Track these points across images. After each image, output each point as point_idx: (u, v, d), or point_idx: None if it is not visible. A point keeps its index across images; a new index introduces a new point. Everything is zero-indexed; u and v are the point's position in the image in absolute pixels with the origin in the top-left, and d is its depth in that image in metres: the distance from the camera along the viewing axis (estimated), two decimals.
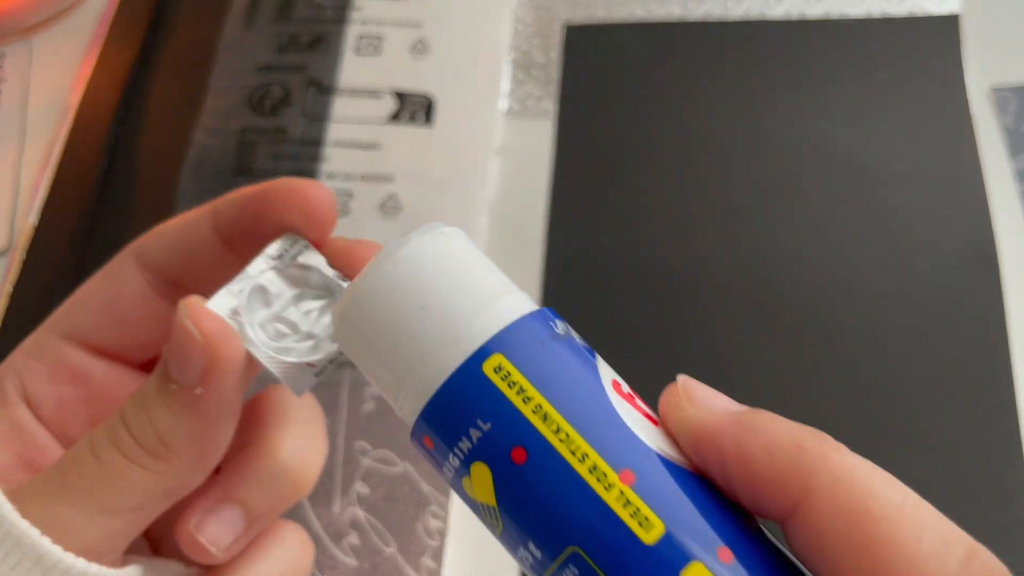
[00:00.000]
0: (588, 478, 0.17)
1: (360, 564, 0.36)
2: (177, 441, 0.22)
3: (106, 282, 0.25)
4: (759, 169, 0.44)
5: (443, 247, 0.20)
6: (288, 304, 0.23)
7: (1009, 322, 0.39)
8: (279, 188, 0.23)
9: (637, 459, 0.17)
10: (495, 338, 0.18)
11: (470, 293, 0.19)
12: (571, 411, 0.18)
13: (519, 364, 0.18)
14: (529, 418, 0.18)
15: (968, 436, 0.37)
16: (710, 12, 0.48)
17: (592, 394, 0.18)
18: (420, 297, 0.19)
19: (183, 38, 0.51)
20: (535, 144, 0.46)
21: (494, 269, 0.20)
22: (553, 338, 0.19)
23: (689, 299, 0.41)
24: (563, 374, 0.18)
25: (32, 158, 0.48)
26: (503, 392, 0.18)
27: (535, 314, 0.19)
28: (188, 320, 0.21)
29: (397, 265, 0.19)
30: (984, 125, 0.44)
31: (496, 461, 0.18)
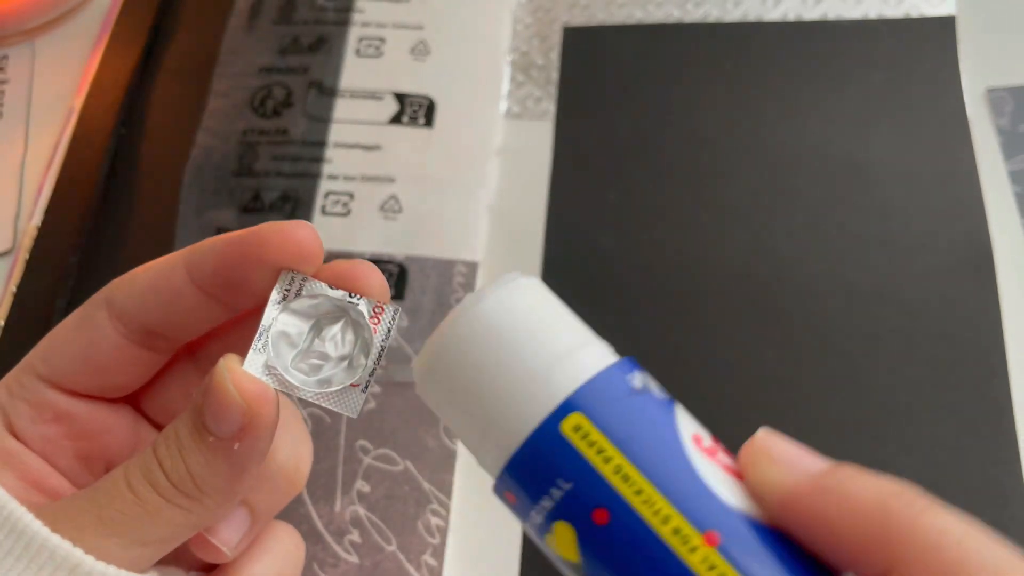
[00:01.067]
0: (671, 541, 0.17)
1: (361, 562, 0.37)
2: (211, 486, 0.23)
3: (80, 330, 0.26)
4: (757, 170, 0.44)
5: (520, 299, 0.20)
6: (311, 338, 0.24)
7: (1004, 322, 0.39)
8: (266, 233, 0.24)
9: (721, 520, 0.17)
10: (573, 396, 0.18)
11: (548, 346, 0.19)
12: (652, 471, 0.17)
13: (598, 422, 0.18)
14: (609, 479, 0.18)
15: (964, 436, 0.38)
16: (708, 14, 0.48)
17: (672, 452, 0.18)
18: (499, 352, 0.19)
19: (185, 40, 0.51)
20: (535, 145, 0.46)
21: (573, 319, 0.20)
22: (631, 393, 0.19)
23: (688, 299, 0.41)
24: (642, 431, 0.18)
25: (35, 159, 0.48)
26: (582, 452, 0.18)
27: (613, 367, 0.19)
28: (229, 383, 0.22)
29: (477, 319, 0.19)
30: (980, 126, 0.44)
31: (578, 521, 0.18)
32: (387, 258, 0.43)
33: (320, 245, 0.24)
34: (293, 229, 0.24)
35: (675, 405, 0.19)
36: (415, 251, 0.43)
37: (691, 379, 0.40)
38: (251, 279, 0.24)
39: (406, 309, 0.42)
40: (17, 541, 0.22)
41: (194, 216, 0.45)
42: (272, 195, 0.45)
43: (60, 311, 0.43)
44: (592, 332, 0.20)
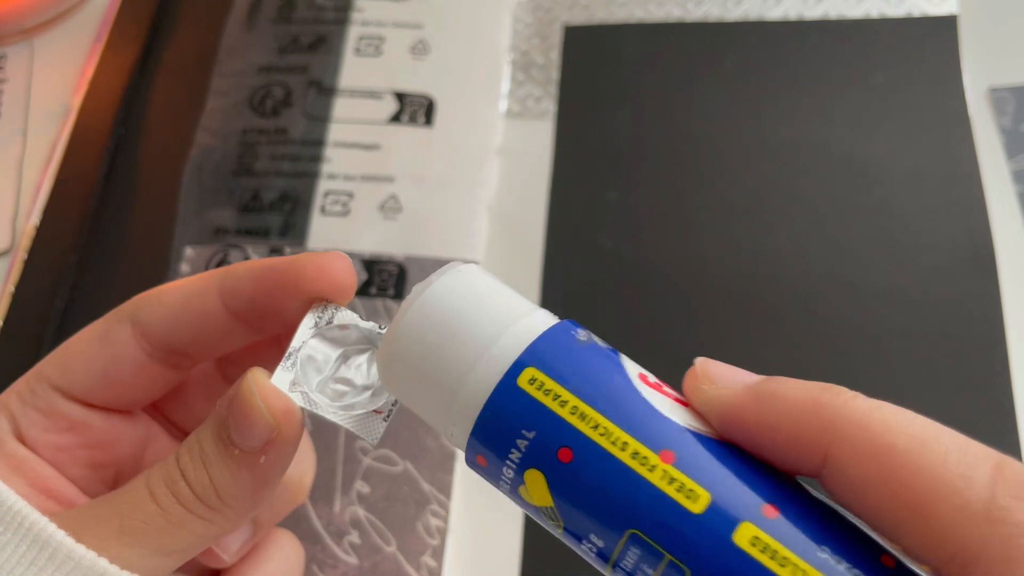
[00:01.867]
0: (632, 464, 0.18)
1: (361, 563, 0.36)
2: (234, 498, 0.23)
3: (102, 345, 0.26)
4: (758, 169, 0.44)
5: (462, 281, 0.22)
6: (338, 365, 0.25)
7: (1006, 322, 0.39)
8: (304, 264, 0.24)
9: (673, 439, 0.19)
10: (525, 353, 0.20)
11: (495, 316, 0.21)
12: (605, 406, 0.19)
13: (550, 372, 0.20)
14: (568, 420, 0.19)
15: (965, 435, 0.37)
16: (709, 13, 0.48)
17: (622, 388, 0.19)
18: (450, 328, 0.21)
19: (184, 39, 0.51)
20: (535, 144, 0.46)
21: (512, 293, 0.22)
22: (577, 345, 0.20)
23: (688, 298, 0.41)
24: (592, 375, 0.20)
25: (34, 159, 0.48)
26: (540, 400, 0.19)
27: (557, 326, 0.21)
28: (256, 397, 0.23)
29: (425, 304, 0.21)
30: (982, 125, 0.44)
31: (546, 464, 0.19)
32: (387, 258, 0.43)
33: (354, 278, 0.25)
34: (332, 262, 0.25)
35: (619, 353, 0.21)
36: (415, 251, 0.43)
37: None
38: (285, 307, 0.25)
39: None
40: (41, 551, 0.22)
41: (193, 216, 0.45)
42: (271, 195, 0.45)
43: (58, 311, 0.43)
44: (533, 303, 0.22)
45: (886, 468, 0.17)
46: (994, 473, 0.17)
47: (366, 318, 0.25)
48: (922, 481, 0.17)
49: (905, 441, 0.17)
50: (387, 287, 0.42)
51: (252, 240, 0.44)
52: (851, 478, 0.18)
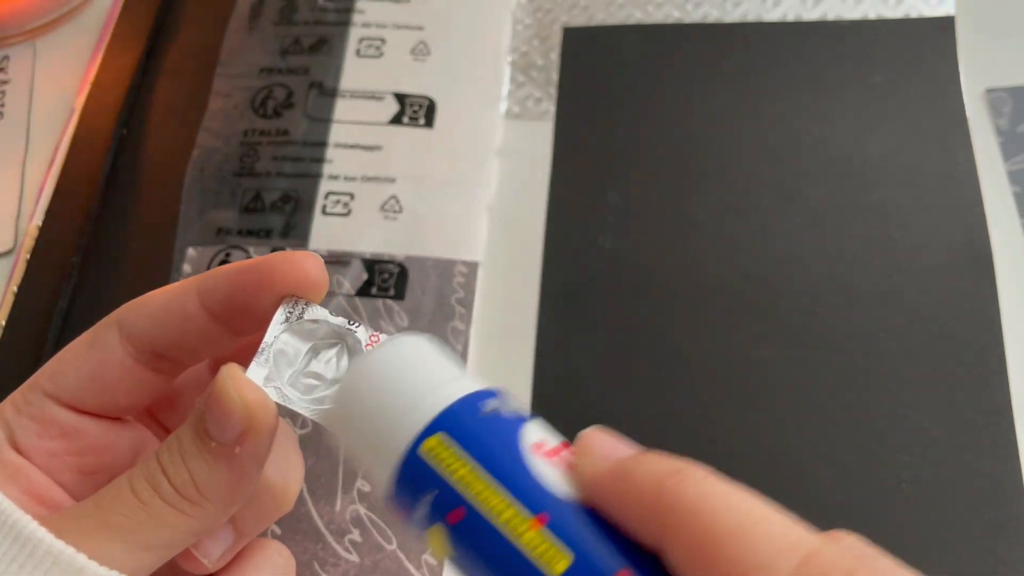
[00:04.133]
0: (505, 529, 0.20)
1: (362, 561, 0.37)
2: (213, 491, 0.24)
3: (91, 350, 0.27)
4: (756, 170, 0.44)
5: (400, 352, 0.24)
6: (308, 359, 0.26)
7: (1003, 322, 0.40)
8: (275, 263, 0.26)
9: (549, 505, 0.20)
10: (431, 423, 0.22)
11: (418, 386, 0.23)
12: (491, 474, 0.21)
13: (448, 442, 0.22)
14: (456, 486, 0.21)
15: (963, 435, 0.38)
16: (708, 14, 0.48)
17: (509, 456, 0.21)
18: (381, 394, 0.23)
19: (187, 41, 0.51)
20: (535, 145, 0.46)
21: (448, 363, 0.24)
22: (480, 415, 0.22)
23: (687, 299, 0.42)
24: (485, 444, 0.22)
25: (36, 160, 0.48)
26: (436, 468, 0.22)
27: (468, 397, 0.23)
28: (232, 389, 0.24)
29: (362, 371, 0.23)
30: (978, 127, 0.44)
31: (442, 523, 0.21)
32: (387, 258, 0.43)
33: (325, 276, 0.26)
34: (301, 260, 0.26)
35: (527, 422, 0.22)
36: (415, 251, 0.43)
37: (691, 379, 0.40)
38: (259, 305, 0.26)
39: (406, 309, 0.42)
40: (22, 549, 0.22)
41: (195, 216, 0.45)
42: (273, 195, 0.45)
43: (61, 311, 0.43)
44: (464, 372, 0.24)
45: (707, 555, 0.18)
46: (800, 565, 0.17)
47: (364, 318, 0.26)
48: (735, 570, 0.17)
49: (726, 528, 0.18)
50: (388, 287, 0.42)
51: (254, 241, 0.44)
52: (679, 561, 0.18)
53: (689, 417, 0.39)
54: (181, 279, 0.43)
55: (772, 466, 0.38)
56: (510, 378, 0.40)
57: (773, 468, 0.38)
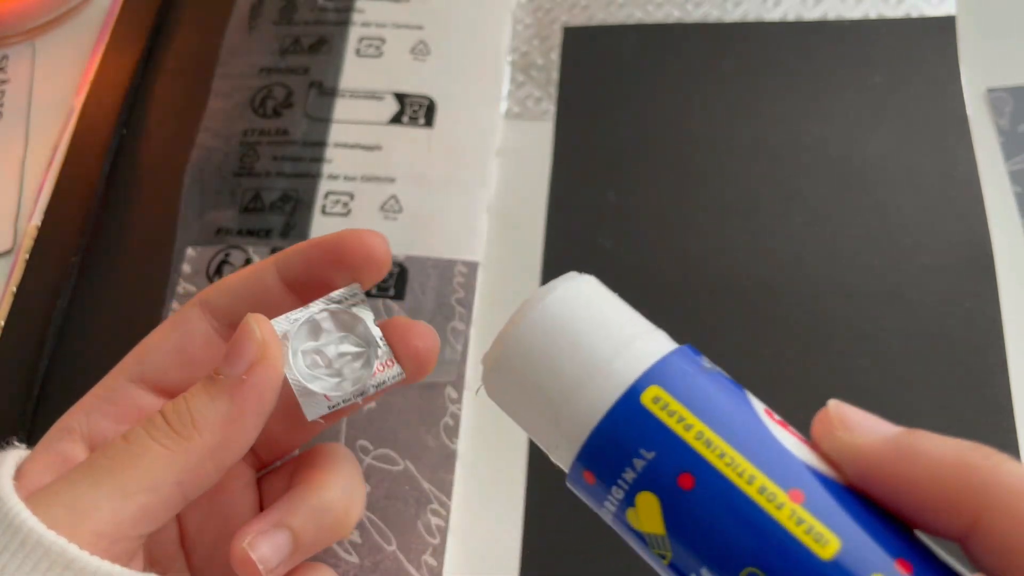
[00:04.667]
0: (759, 499, 0.17)
1: (361, 562, 0.37)
2: (206, 422, 0.24)
3: (174, 329, 0.28)
4: (756, 170, 0.44)
5: (583, 293, 0.21)
6: (331, 343, 0.27)
7: (1004, 322, 0.39)
8: (345, 239, 0.28)
9: (804, 479, 0.18)
10: (649, 371, 0.19)
11: (617, 332, 0.20)
12: (733, 436, 0.18)
13: (676, 394, 0.19)
14: (693, 444, 0.18)
15: (964, 435, 0.38)
16: (708, 14, 0.48)
17: (749, 420, 0.19)
18: (571, 340, 0.20)
19: (186, 41, 0.51)
20: (535, 145, 0.46)
21: (632, 310, 0.21)
22: (703, 370, 0.19)
23: (687, 299, 0.41)
24: (719, 402, 0.19)
25: (35, 160, 0.48)
26: (664, 421, 0.18)
27: (683, 349, 0.20)
28: (254, 323, 0.25)
29: (545, 312, 0.20)
30: (979, 126, 0.44)
31: (663, 489, 0.18)
32: None
33: (388, 253, 0.28)
34: (369, 237, 0.28)
35: (743, 387, 0.20)
36: (415, 251, 0.43)
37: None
38: (331, 279, 0.28)
39: (406, 309, 0.42)
40: (13, 538, 0.22)
41: (195, 216, 0.45)
42: (273, 195, 0.45)
43: (60, 311, 0.43)
44: (652, 324, 0.21)
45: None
46: None
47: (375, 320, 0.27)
48: None
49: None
50: (387, 287, 0.42)
51: (254, 240, 0.44)
52: (1004, 547, 0.17)
53: None
54: (181, 279, 0.43)
55: None
56: None
57: None
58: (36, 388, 0.41)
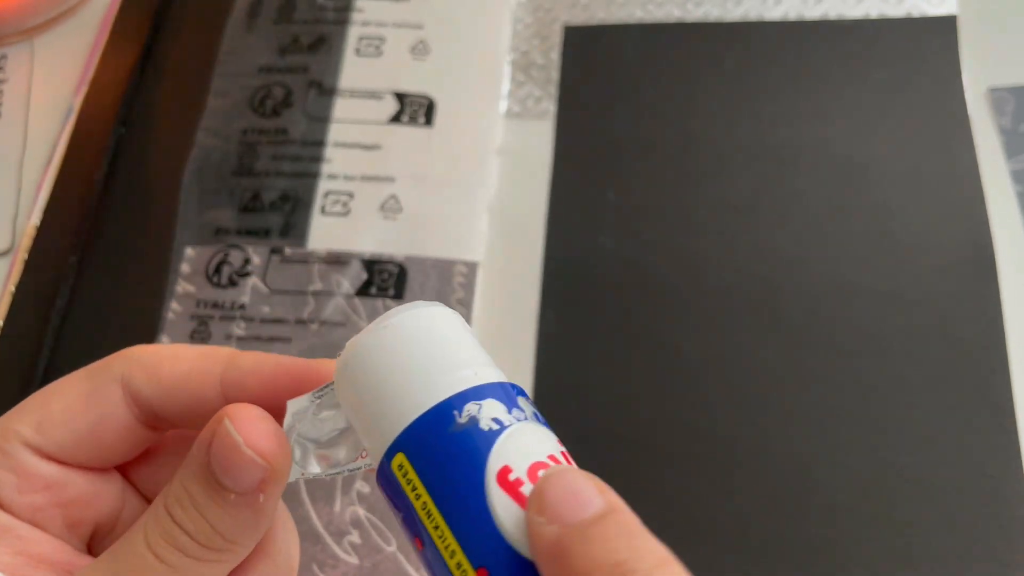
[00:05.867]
0: (455, 572, 0.19)
1: (361, 562, 0.36)
2: (240, 536, 0.23)
3: (88, 405, 0.25)
4: (757, 169, 0.44)
5: (402, 332, 0.21)
6: (327, 415, 0.24)
7: (1005, 321, 0.39)
8: (325, 372, 0.24)
9: (494, 558, 0.19)
10: (400, 436, 0.20)
11: (403, 382, 0.21)
12: (448, 508, 0.19)
13: (415, 463, 0.20)
14: (419, 514, 0.20)
15: (964, 435, 0.38)
16: (709, 13, 0.48)
17: (470, 489, 0.19)
18: (377, 378, 0.21)
19: (185, 40, 0.51)
20: (535, 144, 0.46)
21: (444, 349, 0.21)
22: (451, 430, 0.20)
23: (687, 299, 0.41)
24: (448, 470, 0.20)
25: (34, 159, 0.48)
26: (403, 489, 0.20)
27: (444, 403, 0.20)
28: (240, 441, 0.22)
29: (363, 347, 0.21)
30: (981, 126, 0.44)
31: (409, 543, 0.20)
32: (387, 258, 0.43)
33: None
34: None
35: (502, 433, 0.20)
36: (415, 251, 0.43)
37: (691, 378, 0.40)
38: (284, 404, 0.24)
39: None
40: None
41: (194, 216, 0.45)
42: (272, 195, 0.45)
43: (59, 311, 0.43)
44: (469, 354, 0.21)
45: None
46: None
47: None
48: None
49: None
50: (387, 287, 0.42)
51: (253, 240, 0.44)
52: None
53: (689, 417, 0.39)
54: (180, 278, 0.43)
55: (773, 466, 0.38)
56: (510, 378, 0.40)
57: (774, 468, 0.38)
58: (34, 388, 0.41)
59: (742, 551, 0.36)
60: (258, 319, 0.42)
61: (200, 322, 0.42)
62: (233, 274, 0.43)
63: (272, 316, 0.42)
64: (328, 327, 0.41)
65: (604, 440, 0.39)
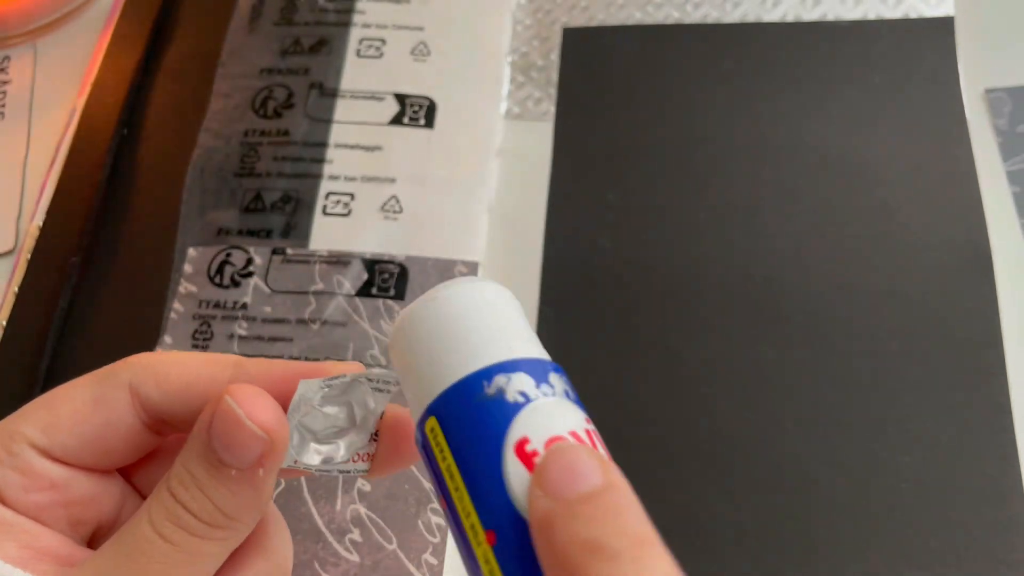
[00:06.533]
0: (468, 533, 0.20)
1: (362, 560, 0.37)
2: (242, 513, 0.24)
3: (95, 410, 0.25)
4: (756, 170, 0.44)
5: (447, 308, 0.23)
6: (331, 410, 0.25)
7: (1002, 322, 0.40)
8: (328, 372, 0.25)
9: (502, 521, 0.20)
10: (434, 402, 0.22)
11: (442, 354, 0.22)
12: (467, 472, 0.21)
13: (444, 427, 0.21)
14: (444, 476, 0.21)
15: (962, 435, 0.38)
16: (707, 15, 0.48)
17: (489, 456, 0.20)
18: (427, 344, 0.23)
19: (187, 41, 0.51)
20: (535, 146, 0.46)
21: (483, 324, 0.23)
22: (477, 400, 0.21)
23: (687, 299, 0.42)
24: (472, 436, 0.21)
25: (37, 160, 0.48)
26: (433, 450, 0.21)
27: (477, 373, 0.22)
28: (242, 413, 0.23)
29: (420, 312, 0.23)
30: (978, 127, 0.44)
31: (440, 503, 0.22)
32: (387, 258, 0.43)
33: None
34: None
35: (527, 406, 0.21)
36: (415, 251, 0.43)
37: (691, 378, 0.40)
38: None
39: None
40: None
41: (196, 216, 0.45)
42: (273, 196, 0.45)
43: (61, 311, 0.43)
44: (505, 330, 0.23)
45: None
46: None
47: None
48: None
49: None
50: (388, 287, 0.42)
51: (254, 240, 0.44)
52: None
53: (689, 416, 0.39)
54: (182, 279, 0.43)
55: (773, 466, 0.38)
56: None
57: (774, 468, 0.38)
58: (38, 388, 0.41)
59: (741, 551, 0.36)
60: (260, 319, 0.42)
61: (202, 322, 0.42)
62: (235, 274, 0.43)
63: (274, 316, 0.42)
64: (329, 327, 0.41)
65: (604, 440, 0.39)
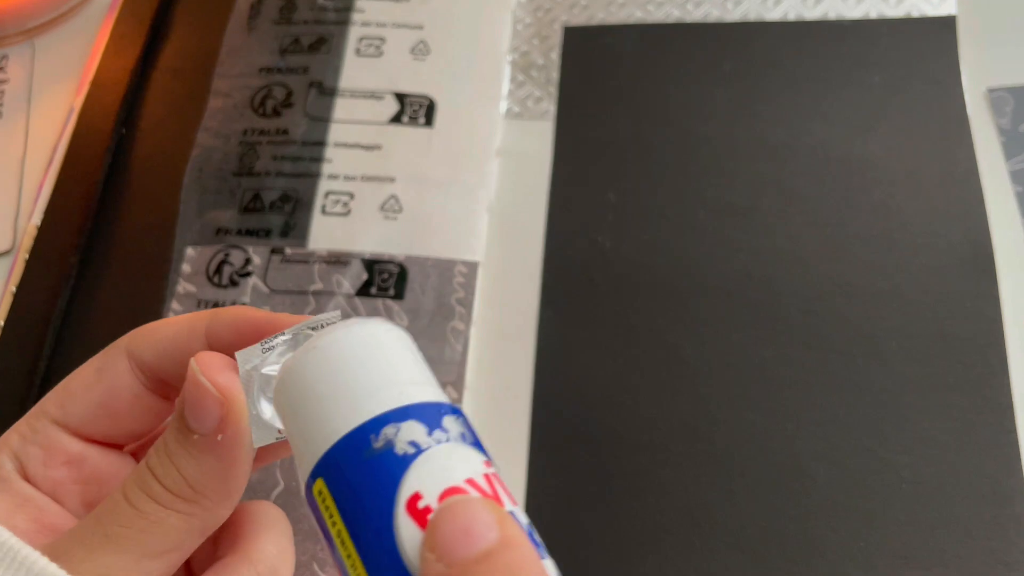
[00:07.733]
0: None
1: None
2: (205, 485, 0.24)
3: (100, 378, 0.27)
4: (757, 170, 0.44)
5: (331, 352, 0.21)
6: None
7: (1004, 322, 0.39)
8: (283, 323, 0.26)
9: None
10: (319, 462, 0.20)
11: (326, 406, 0.20)
12: (358, 538, 0.19)
13: (332, 489, 0.20)
14: (335, 541, 0.19)
15: (964, 435, 0.38)
16: (708, 14, 0.48)
17: (380, 518, 0.19)
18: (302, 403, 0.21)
19: (186, 40, 0.51)
20: (535, 145, 0.46)
21: (370, 369, 0.21)
22: (366, 456, 0.19)
23: (687, 299, 0.41)
24: (360, 498, 0.19)
25: (35, 159, 0.48)
26: (322, 515, 0.20)
27: (362, 427, 0.20)
28: (201, 376, 0.24)
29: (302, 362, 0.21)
30: (980, 126, 0.44)
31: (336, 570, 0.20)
32: (387, 258, 0.43)
33: None
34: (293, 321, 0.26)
35: (418, 457, 0.19)
36: (415, 251, 0.43)
37: (691, 378, 0.40)
38: None
39: (406, 309, 0.42)
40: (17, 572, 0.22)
41: (194, 216, 0.45)
42: (272, 195, 0.45)
43: (60, 311, 0.43)
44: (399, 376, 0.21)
45: None
46: None
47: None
48: None
49: None
50: (387, 287, 0.42)
51: (253, 240, 0.44)
52: None
53: (689, 417, 0.39)
54: (180, 278, 0.43)
55: (772, 466, 0.38)
56: (510, 378, 0.40)
57: (773, 468, 0.38)
58: (36, 387, 0.41)
59: (741, 550, 0.36)
60: None
61: None
62: (234, 274, 0.43)
63: None
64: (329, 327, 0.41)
65: (604, 440, 0.39)
